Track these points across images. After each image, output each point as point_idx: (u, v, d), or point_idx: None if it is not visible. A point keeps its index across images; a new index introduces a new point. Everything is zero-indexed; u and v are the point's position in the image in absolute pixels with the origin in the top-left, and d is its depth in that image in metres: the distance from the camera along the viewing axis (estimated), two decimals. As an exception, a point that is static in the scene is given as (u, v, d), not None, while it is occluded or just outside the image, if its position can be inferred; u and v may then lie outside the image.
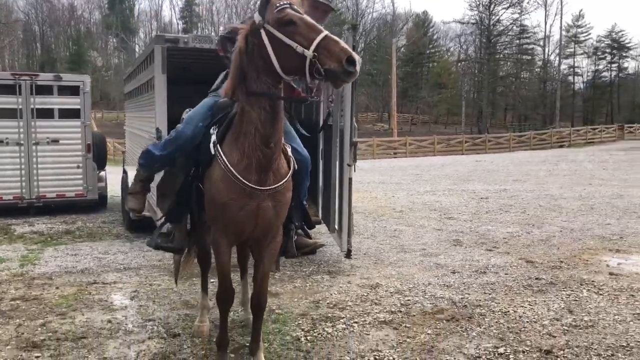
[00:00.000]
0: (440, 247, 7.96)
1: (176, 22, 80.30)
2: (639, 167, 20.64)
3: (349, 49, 2.95)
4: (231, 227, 3.62)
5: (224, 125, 3.71)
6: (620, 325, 4.77)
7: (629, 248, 7.71)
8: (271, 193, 3.49)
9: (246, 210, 3.50)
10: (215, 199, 3.58)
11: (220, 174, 3.53)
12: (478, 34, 61.22)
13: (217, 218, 3.66)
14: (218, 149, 3.60)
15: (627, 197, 12.54)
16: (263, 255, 3.78)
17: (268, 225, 3.65)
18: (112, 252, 7.61)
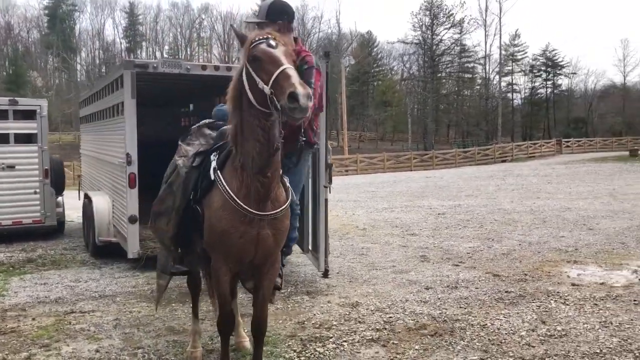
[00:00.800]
0: (409, 263, 8.21)
1: (119, 41, 79.09)
2: (579, 180, 21.68)
3: (294, 84, 3.02)
4: (231, 255, 3.71)
5: (224, 153, 3.82)
6: (590, 333, 5.09)
7: (584, 259, 8.17)
8: (270, 221, 3.59)
9: (246, 238, 3.60)
10: (215, 227, 3.65)
11: (221, 201, 3.62)
12: (421, 53, 62.97)
13: (217, 245, 3.73)
14: (218, 175, 3.70)
15: (574, 210, 13.20)
16: (262, 281, 3.88)
17: (267, 253, 3.76)
18: (83, 280, 7.48)
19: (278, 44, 3.34)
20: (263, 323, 3.93)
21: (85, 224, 9.93)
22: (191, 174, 4.13)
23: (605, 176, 22.98)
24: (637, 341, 4.85)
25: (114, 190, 8.75)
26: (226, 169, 3.71)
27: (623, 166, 28.49)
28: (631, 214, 12.21)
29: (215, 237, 3.68)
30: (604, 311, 5.71)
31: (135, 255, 7.75)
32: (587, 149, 48.97)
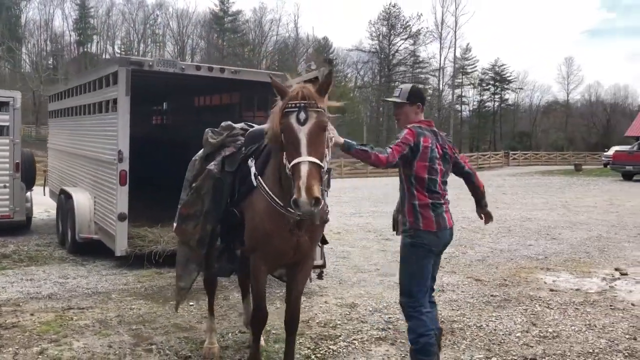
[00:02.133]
0: (392, 267, 8.44)
1: (69, 33, 76.71)
2: (532, 192, 22.60)
3: (300, 187, 3.11)
4: (271, 256, 3.90)
5: (262, 159, 3.99)
6: (579, 335, 5.46)
7: (555, 267, 8.64)
8: (309, 225, 3.76)
9: (287, 242, 3.79)
10: (259, 229, 3.81)
11: (265, 205, 3.78)
12: (377, 62, 64.07)
13: (258, 246, 3.89)
14: (261, 181, 3.86)
15: (535, 220, 13.84)
16: (297, 276, 4.06)
17: (305, 254, 3.99)
18: (71, 277, 7.39)
19: (308, 117, 3.36)
20: (297, 316, 4.13)
21: (62, 220, 9.75)
22: (225, 178, 4.27)
23: (556, 189, 24.04)
24: (623, 342, 5.24)
25: (97, 187, 8.66)
26: (267, 176, 3.86)
27: (570, 180, 29.81)
28: (588, 225, 12.90)
29: (257, 238, 3.86)
30: (585, 315, 6.11)
31: (123, 253, 7.72)
32: (532, 162, 50.85)
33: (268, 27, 74.10)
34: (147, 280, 7.30)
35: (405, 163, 3.89)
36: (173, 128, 13.48)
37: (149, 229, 8.56)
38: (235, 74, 8.43)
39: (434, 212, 3.92)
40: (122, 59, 7.77)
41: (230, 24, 73.93)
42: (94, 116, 8.89)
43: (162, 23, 75.40)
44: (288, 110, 3.42)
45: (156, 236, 8.26)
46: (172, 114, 14.17)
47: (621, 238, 11.18)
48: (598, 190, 23.06)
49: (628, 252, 9.75)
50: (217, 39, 74.17)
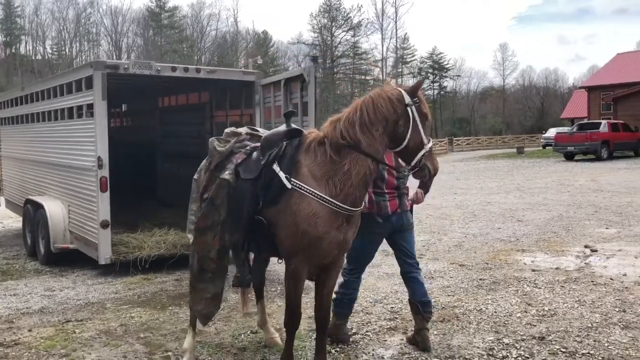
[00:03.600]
0: (376, 257, 8.48)
1: (-6, 34, 73.21)
2: (484, 176, 23.35)
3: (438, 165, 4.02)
4: (317, 258, 3.97)
5: (287, 162, 4.01)
6: (574, 311, 5.76)
7: (529, 248, 9.02)
8: (354, 218, 3.99)
9: (335, 242, 3.93)
10: (308, 233, 3.84)
11: (313, 207, 3.83)
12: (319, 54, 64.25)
13: (305, 250, 3.90)
14: (299, 183, 3.87)
15: (495, 204, 14.33)
16: (332, 272, 4.18)
17: (346, 251, 4.15)
18: (57, 289, 7.17)
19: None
20: (329, 311, 4.30)
21: (31, 231, 9.41)
22: (241, 186, 4.21)
23: (505, 172, 24.91)
24: (615, 315, 5.57)
25: (72, 195, 8.41)
26: (305, 178, 3.90)
27: (515, 162, 30.93)
28: (547, 206, 13.49)
29: (304, 243, 3.86)
30: (573, 292, 6.44)
31: (107, 261, 7.55)
32: (475, 147, 52.43)
33: (206, 22, 73.09)
34: (137, 287, 7.17)
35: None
36: (134, 130, 13.17)
37: (132, 235, 8.39)
38: (211, 74, 8.34)
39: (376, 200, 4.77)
40: (97, 63, 7.55)
41: (168, 20, 72.48)
42: (64, 122, 8.60)
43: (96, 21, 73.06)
44: (421, 99, 3.98)
45: (140, 242, 8.11)
46: (132, 116, 13.84)
47: (581, 217, 11.76)
48: (545, 172, 24.05)
49: (591, 230, 10.28)
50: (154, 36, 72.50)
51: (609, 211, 12.29)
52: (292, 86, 7.45)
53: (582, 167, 25.38)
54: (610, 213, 12.03)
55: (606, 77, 41.09)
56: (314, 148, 3.97)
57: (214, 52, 73.52)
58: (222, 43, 74.81)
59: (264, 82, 8.31)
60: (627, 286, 6.60)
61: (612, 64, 43.56)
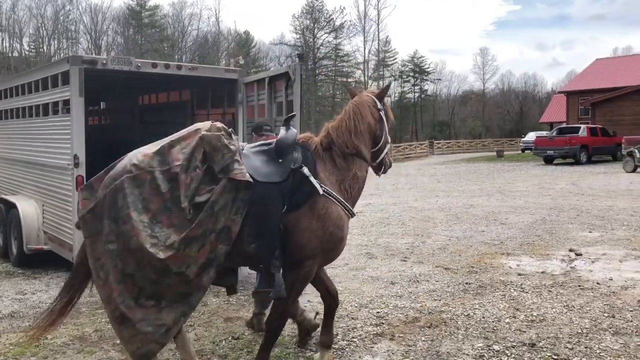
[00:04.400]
0: (360, 260, 8.49)
1: (-31, 30, 71.67)
2: (465, 179, 23.36)
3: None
4: (333, 258, 4.30)
5: (311, 167, 4.06)
6: (563, 316, 5.66)
7: (514, 251, 8.94)
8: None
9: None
10: (336, 235, 4.04)
11: (340, 211, 4.05)
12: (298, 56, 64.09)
13: (325, 253, 4.07)
14: (329, 190, 4.02)
15: (478, 207, 14.28)
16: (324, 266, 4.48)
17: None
18: (29, 292, 6.89)
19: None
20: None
21: (2, 231, 9.09)
22: (270, 190, 3.87)
23: (486, 175, 24.96)
24: (604, 320, 5.48)
25: (46, 194, 8.12)
26: (324, 183, 4.06)
27: (495, 165, 31.06)
28: (529, 209, 13.46)
29: (330, 245, 4.04)
30: (560, 297, 6.35)
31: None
32: (455, 150, 52.66)
33: (188, 22, 72.47)
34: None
35: None
36: (113, 129, 12.85)
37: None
38: (192, 71, 8.12)
39: None
40: (73, 58, 7.27)
41: (148, 19, 71.71)
42: (39, 119, 8.30)
43: (75, 19, 71.99)
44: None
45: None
46: (111, 114, 13.51)
47: (563, 220, 11.74)
48: (525, 175, 24.15)
49: (574, 233, 10.24)
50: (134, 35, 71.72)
51: (591, 215, 12.30)
52: (277, 84, 7.27)
53: (562, 170, 25.55)
54: (592, 217, 12.03)
55: (585, 82, 41.51)
56: (321, 154, 4.19)
57: (195, 51, 72.83)
58: (204, 43, 74.20)
59: (247, 80, 8.11)
60: (614, 291, 6.53)
61: (591, 69, 44.05)
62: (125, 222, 3.56)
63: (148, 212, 3.60)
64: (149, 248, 3.55)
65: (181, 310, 3.70)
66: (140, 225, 3.56)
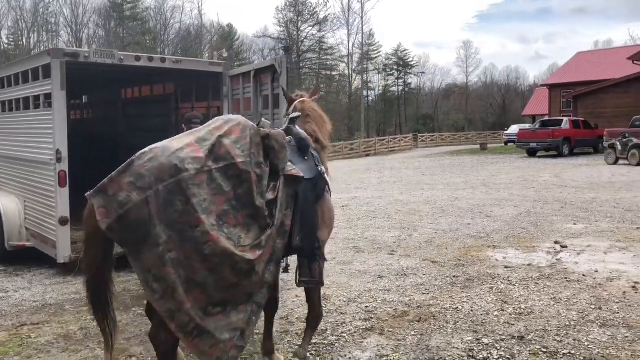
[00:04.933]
0: (347, 254, 8.46)
1: (-55, 23, 70.24)
2: (449, 172, 23.45)
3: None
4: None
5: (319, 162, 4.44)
6: (550, 309, 5.68)
7: (500, 244, 8.97)
8: None
9: None
10: (333, 225, 4.57)
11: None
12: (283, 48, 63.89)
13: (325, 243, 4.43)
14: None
15: (463, 200, 14.32)
16: None
17: None
18: (11, 290, 6.77)
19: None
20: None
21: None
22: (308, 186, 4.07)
23: (470, 168, 25.07)
24: (592, 313, 5.51)
25: (28, 190, 7.98)
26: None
27: (479, 158, 31.22)
28: (513, 202, 13.53)
29: (330, 233, 4.56)
30: (547, 289, 6.37)
31: (66, 260, 7.18)
32: (439, 143, 52.86)
33: (170, 15, 71.77)
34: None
35: None
36: (95, 123, 12.67)
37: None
38: (176, 64, 8.01)
39: None
40: (55, 50, 7.13)
41: (130, 12, 70.88)
42: (20, 113, 8.14)
43: (55, 11, 70.91)
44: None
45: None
46: (93, 107, 13.32)
47: (548, 212, 11.81)
48: (509, 168, 24.30)
49: (559, 226, 10.31)
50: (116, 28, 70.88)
51: (575, 207, 12.39)
52: (263, 78, 7.19)
53: (545, 163, 25.75)
54: (576, 209, 12.12)
55: (567, 75, 41.88)
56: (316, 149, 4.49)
57: (177, 44, 72.20)
58: (186, 36, 73.55)
59: (233, 74, 8.02)
60: (600, 282, 6.57)
61: (572, 62, 44.43)
62: (194, 227, 3.25)
63: (212, 214, 3.34)
64: (235, 251, 3.37)
65: (250, 310, 3.59)
66: (214, 229, 3.31)
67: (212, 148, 3.44)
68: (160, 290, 3.23)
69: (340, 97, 73.98)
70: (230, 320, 3.45)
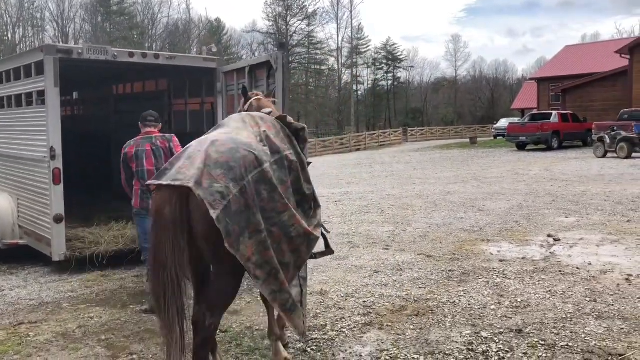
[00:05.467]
0: (342, 249, 8.48)
1: None
2: (440, 166, 23.56)
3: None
4: None
5: None
6: (546, 302, 5.74)
7: (493, 237, 9.04)
8: None
9: None
10: None
11: None
12: (273, 43, 63.68)
13: None
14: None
15: (455, 194, 14.40)
16: None
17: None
18: (7, 288, 6.73)
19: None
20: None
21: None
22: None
23: (460, 162, 25.20)
24: (587, 305, 5.58)
25: (21, 188, 7.93)
26: None
27: (469, 152, 31.38)
28: (505, 195, 13.63)
29: None
30: (542, 282, 6.44)
31: (61, 258, 7.14)
32: (428, 137, 53.05)
33: (158, 9, 71.29)
34: (94, 285, 6.80)
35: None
36: (87, 119, 12.59)
37: (87, 230, 7.97)
38: (170, 60, 7.97)
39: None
40: (48, 47, 7.07)
41: (117, 7, 70.33)
42: (12, 110, 8.08)
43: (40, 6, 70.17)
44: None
45: (96, 237, 7.71)
46: (84, 104, 13.23)
47: (539, 206, 11.91)
48: (499, 162, 24.45)
49: (551, 219, 10.40)
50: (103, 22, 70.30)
51: (566, 200, 12.50)
52: (258, 73, 7.18)
53: (535, 156, 25.93)
54: (567, 202, 12.23)
55: (555, 69, 42.13)
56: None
57: (165, 39, 71.78)
58: (174, 31, 73.11)
59: (227, 70, 8.00)
60: (594, 275, 6.64)
61: (560, 56, 44.69)
62: (281, 212, 3.54)
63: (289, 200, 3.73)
64: (312, 230, 3.83)
65: (299, 284, 4.17)
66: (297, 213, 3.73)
67: (266, 142, 3.74)
68: (264, 275, 3.41)
69: (330, 92, 73.90)
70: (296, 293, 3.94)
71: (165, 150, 6.06)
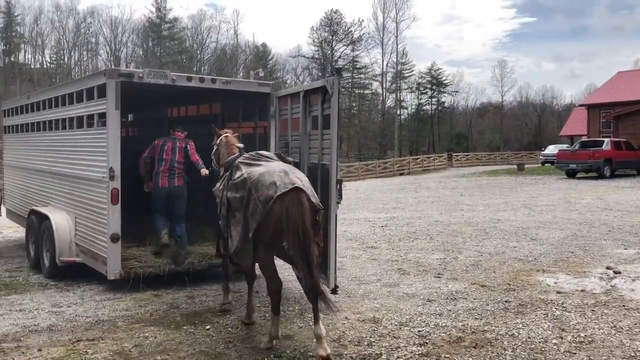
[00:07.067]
0: (392, 277, 8.36)
1: (-6, 43, 72.91)
2: (488, 193, 23.13)
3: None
4: None
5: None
6: (612, 338, 5.49)
7: (549, 268, 8.76)
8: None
9: None
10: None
11: None
12: (319, 68, 64.35)
13: None
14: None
15: (505, 222, 14.07)
16: None
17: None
18: (64, 305, 6.86)
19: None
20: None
21: (35, 243, 9.10)
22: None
23: (508, 189, 24.70)
24: (656, 343, 5.31)
25: (79, 207, 8.13)
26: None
27: (517, 179, 30.75)
28: (558, 224, 13.24)
29: None
30: (606, 317, 6.17)
31: (116, 277, 7.25)
32: (474, 163, 52.32)
33: (206, 34, 73.15)
34: (148, 304, 6.87)
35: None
36: (141, 141, 12.86)
37: (142, 249, 8.10)
38: (226, 85, 8.10)
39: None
40: (110, 71, 7.29)
41: (168, 32, 72.51)
42: (73, 131, 8.33)
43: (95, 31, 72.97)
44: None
45: (151, 256, 7.81)
46: (139, 126, 13.57)
47: (595, 236, 11.51)
48: (549, 189, 23.85)
49: (609, 250, 10.03)
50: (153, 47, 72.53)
51: (624, 231, 12.06)
52: (312, 98, 7.20)
53: (586, 184, 25.21)
54: (625, 233, 11.79)
55: (606, 95, 41.12)
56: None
57: (213, 64, 73.48)
58: (222, 55, 74.81)
59: (281, 94, 8.07)
60: (661, 311, 6.34)
61: (612, 82, 43.63)
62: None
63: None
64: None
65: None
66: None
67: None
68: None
69: (372, 116, 73.94)
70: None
71: (181, 149, 8.02)
